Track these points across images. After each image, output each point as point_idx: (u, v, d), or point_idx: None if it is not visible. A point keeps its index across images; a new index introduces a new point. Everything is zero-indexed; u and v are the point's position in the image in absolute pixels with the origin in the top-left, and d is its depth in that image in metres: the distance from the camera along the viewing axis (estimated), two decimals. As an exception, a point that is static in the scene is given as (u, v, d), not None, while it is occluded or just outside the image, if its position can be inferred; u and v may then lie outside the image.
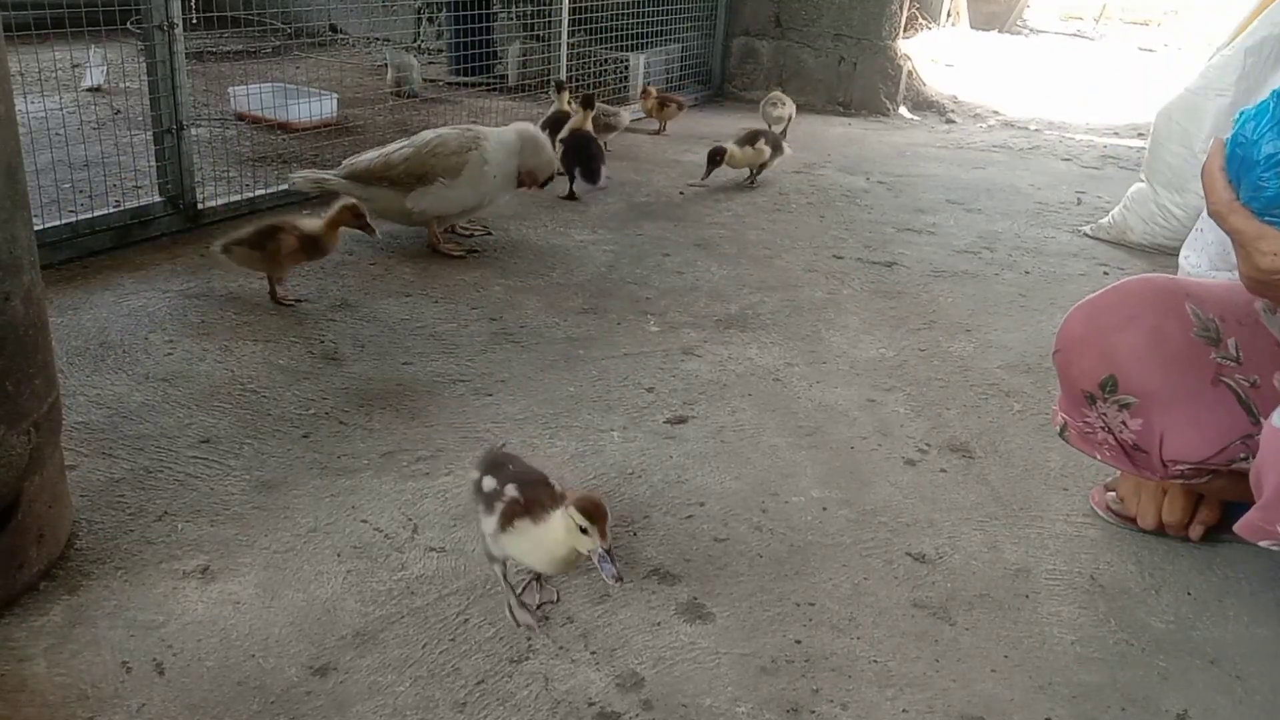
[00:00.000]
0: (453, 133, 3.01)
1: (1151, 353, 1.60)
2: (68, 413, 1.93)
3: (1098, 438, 1.72)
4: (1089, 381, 1.66)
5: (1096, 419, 1.70)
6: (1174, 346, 1.60)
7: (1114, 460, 1.74)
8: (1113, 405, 1.65)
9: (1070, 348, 1.69)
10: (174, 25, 2.90)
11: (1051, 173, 4.73)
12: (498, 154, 3.03)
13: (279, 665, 1.44)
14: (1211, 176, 1.36)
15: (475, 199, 3.06)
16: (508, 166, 3.08)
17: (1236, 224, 1.34)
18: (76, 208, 3.04)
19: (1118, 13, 10.18)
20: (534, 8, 5.60)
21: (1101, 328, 1.64)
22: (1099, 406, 1.67)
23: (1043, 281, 3.21)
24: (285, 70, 5.21)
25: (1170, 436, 1.63)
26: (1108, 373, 1.63)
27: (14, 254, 1.45)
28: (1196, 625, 1.64)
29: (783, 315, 2.81)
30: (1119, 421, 1.66)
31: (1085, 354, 1.66)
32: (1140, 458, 1.68)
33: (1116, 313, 1.64)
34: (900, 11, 5.78)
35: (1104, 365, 1.63)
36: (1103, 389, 1.65)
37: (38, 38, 3.85)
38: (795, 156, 4.46)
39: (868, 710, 1.43)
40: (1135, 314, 1.62)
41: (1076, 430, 1.76)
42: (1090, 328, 1.66)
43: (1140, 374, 1.61)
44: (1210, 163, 1.36)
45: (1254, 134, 1.30)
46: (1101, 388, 1.65)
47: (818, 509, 1.90)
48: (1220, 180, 1.35)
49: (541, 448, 2.05)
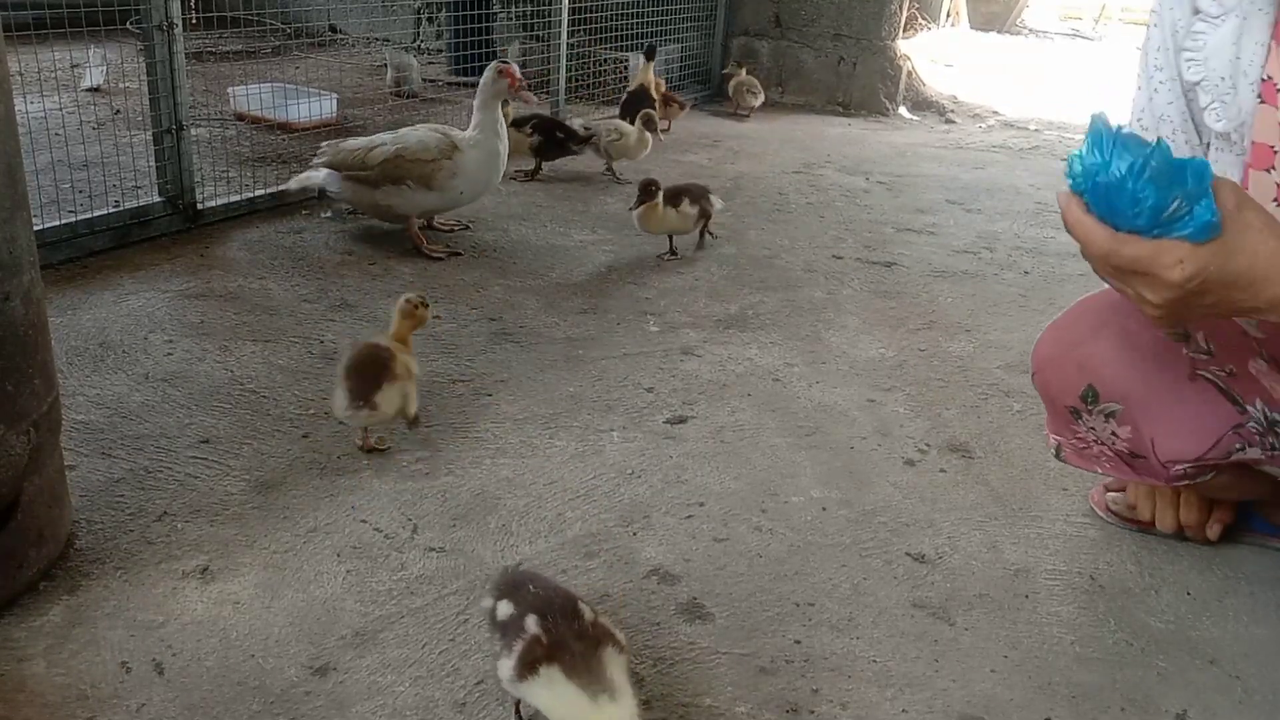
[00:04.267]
0: (433, 138, 3.00)
1: (1124, 356, 1.61)
2: (67, 413, 1.93)
3: (1093, 451, 1.73)
4: (1070, 396, 1.67)
5: (1087, 433, 1.70)
6: (1145, 348, 1.61)
7: (1115, 471, 1.74)
8: (1099, 416, 1.66)
9: (1045, 367, 1.71)
10: (174, 25, 2.90)
11: (1051, 173, 4.73)
12: (469, 166, 3.01)
13: (279, 665, 1.44)
14: (1080, 226, 1.21)
15: (441, 204, 3.09)
16: (476, 180, 3.06)
17: (1131, 253, 1.19)
18: (76, 208, 3.04)
19: (1118, 13, 10.19)
20: (534, 8, 5.60)
21: (1071, 342, 1.66)
22: (1085, 420, 1.68)
23: (1043, 281, 3.21)
24: (285, 70, 5.21)
25: (1161, 439, 1.63)
26: (1086, 383, 1.64)
27: (14, 254, 1.45)
28: (1196, 625, 1.64)
29: (782, 315, 2.81)
30: (1109, 432, 1.67)
31: (1061, 369, 1.67)
32: (1141, 464, 1.68)
33: (1082, 324, 1.66)
34: (900, 11, 5.78)
35: (1081, 377, 1.64)
36: (1085, 401, 1.65)
37: (38, 38, 3.85)
38: (785, 166, 4.46)
39: (867, 710, 1.43)
40: (1101, 322, 1.64)
41: (1071, 449, 1.77)
42: (1061, 345, 1.67)
43: (1117, 379, 1.62)
44: (1070, 216, 1.23)
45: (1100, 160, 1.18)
46: (1084, 399, 1.65)
47: (817, 509, 1.90)
48: (1090, 223, 1.21)
49: (541, 448, 2.05)
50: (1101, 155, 1.19)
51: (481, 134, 3.02)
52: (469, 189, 3.08)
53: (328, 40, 6.37)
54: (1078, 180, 1.21)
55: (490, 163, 3.06)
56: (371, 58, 6.10)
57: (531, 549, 1.73)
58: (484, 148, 3.02)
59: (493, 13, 5.58)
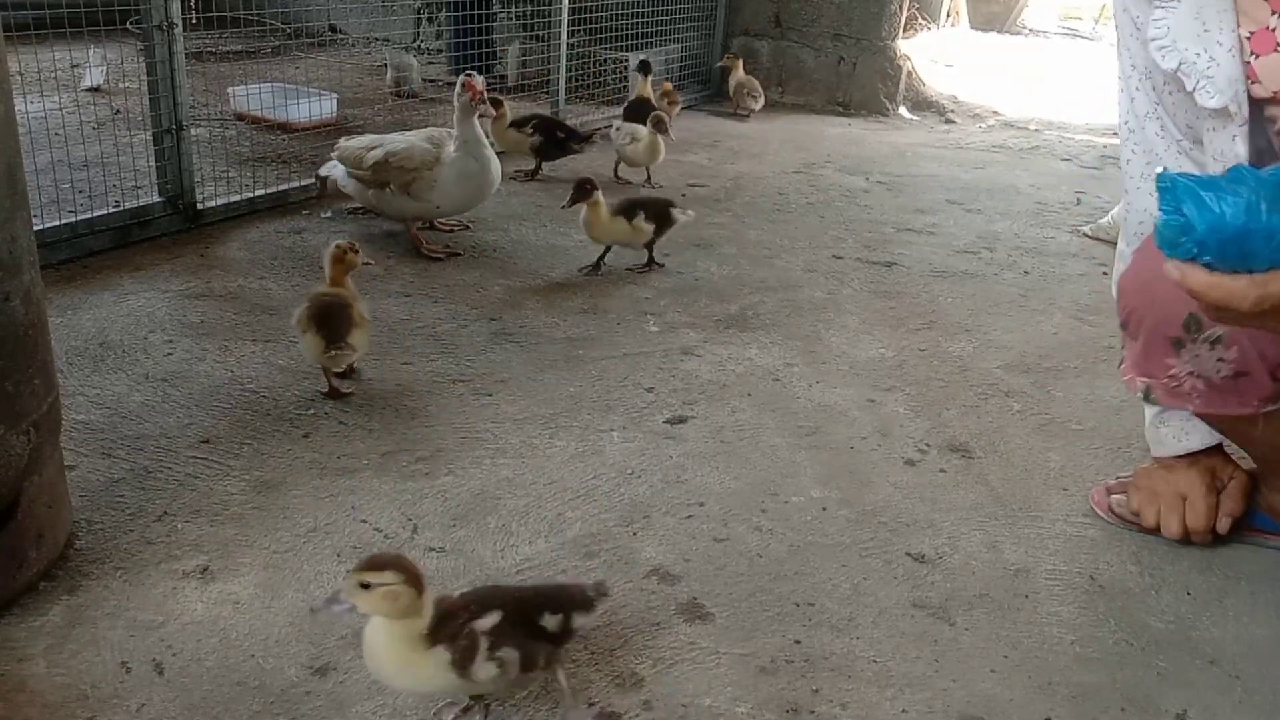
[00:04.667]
0: (420, 148, 2.97)
1: None
2: (67, 413, 1.93)
3: (1185, 388, 1.67)
4: (1173, 328, 1.61)
5: (1182, 367, 1.64)
6: None
7: (1208, 405, 1.68)
8: (1204, 345, 1.60)
9: (1140, 305, 1.64)
10: (174, 25, 2.90)
11: (1051, 173, 4.73)
12: (445, 182, 2.95)
13: (279, 665, 1.44)
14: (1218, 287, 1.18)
15: (421, 212, 3.07)
16: (452, 196, 3.01)
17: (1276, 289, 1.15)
18: (76, 208, 3.04)
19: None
20: (533, 8, 5.60)
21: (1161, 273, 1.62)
22: (1187, 350, 1.62)
23: (1042, 281, 3.21)
24: (285, 70, 5.21)
25: (1269, 345, 1.57)
26: (1188, 311, 1.57)
27: (14, 254, 1.45)
28: (1196, 625, 1.64)
29: (782, 315, 2.81)
30: (1214, 360, 1.61)
31: (1158, 302, 1.61)
32: (1244, 383, 1.62)
33: None
34: (900, 12, 5.78)
35: (1183, 305, 1.53)
36: (1188, 330, 1.60)
37: (37, 38, 3.85)
38: (785, 166, 4.46)
39: (867, 710, 1.43)
40: None
41: (1162, 388, 1.70)
42: (1149, 279, 1.60)
43: None
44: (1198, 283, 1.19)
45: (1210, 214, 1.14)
46: (1186, 329, 1.60)
47: (817, 509, 1.90)
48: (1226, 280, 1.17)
49: (541, 448, 2.05)
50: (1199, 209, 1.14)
51: (459, 152, 2.96)
52: (445, 203, 3.03)
53: (328, 40, 6.37)
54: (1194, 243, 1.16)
55: (467, 183, 2.99)
56: (371, 58, 6.10)
57: (531, 549, 1.73)
58: (457, 167, 2.96)
59: (493, 13, 5.58)
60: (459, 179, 2.98)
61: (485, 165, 3.00)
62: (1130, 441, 2.21)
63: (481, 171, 3.00)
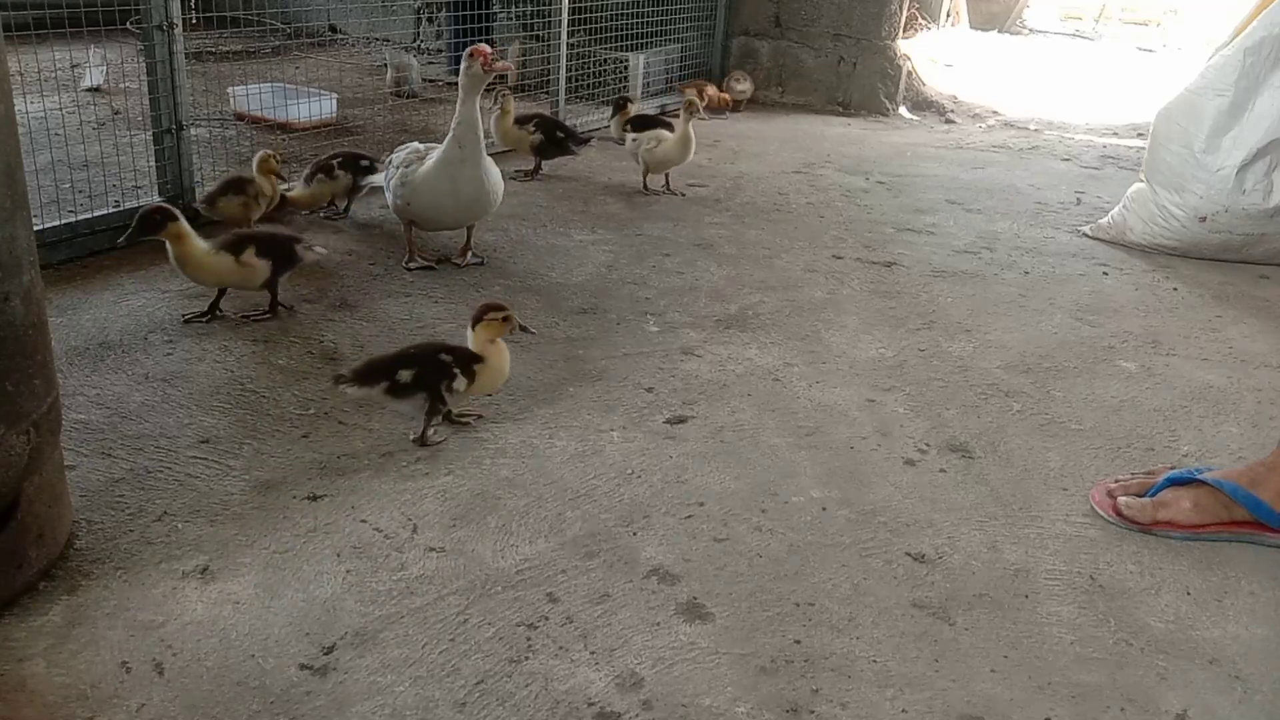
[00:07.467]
0: (403, 154, 2.91)
1: None
2: (67, 413, 1.94)
3: None
4: None
5: None
6: None
7: None
8: None
9: None
10: (173, 25, 2.90)
11: (1051, 173, 4.73)
12: (418, 189, 2.82)
13: (279, 665, 1.44)
14: None
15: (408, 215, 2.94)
16: (426, 206, 2.86)
17: None
18: (76, 208, 3.04)
19: (1118, 13, 10.18)
20: (534, 8, 5.60)
21: None
22: None
23: (1042, 281, 3.21)
24: (285, 70, 5.21)
25: None
26: None
27: (14, 254, 1.45)
28: (1196, 625, 1.64)
29: (782, 315, 2.81)
30: None
31: None
32: None
33: None
34: (900, 11, 5.78)
35: None
36: None
37: (38, 38, 3.85)
38: (785, 166, 4.44)
39: (867, 710, 1.43)
40: None
41: None
42: None
43: None
44: None
45: None
46: None
47: (817, 509, 1.90)
48: None
49: (541, 448, 2.05)
50: None
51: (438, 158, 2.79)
52: (420, 216, 2.90)
53: (328, 40, 6.37)
54: None
55: (443, 199, 2.82)
56: (371, 58, 6.10)
57: (531, 549, 1.73)
58: (431, 178, 2.79)
59: (493, 13, 5.58)
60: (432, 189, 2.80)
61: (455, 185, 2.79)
62: (1130, 441, 2.21)
63: (455, 191, 2.80)
